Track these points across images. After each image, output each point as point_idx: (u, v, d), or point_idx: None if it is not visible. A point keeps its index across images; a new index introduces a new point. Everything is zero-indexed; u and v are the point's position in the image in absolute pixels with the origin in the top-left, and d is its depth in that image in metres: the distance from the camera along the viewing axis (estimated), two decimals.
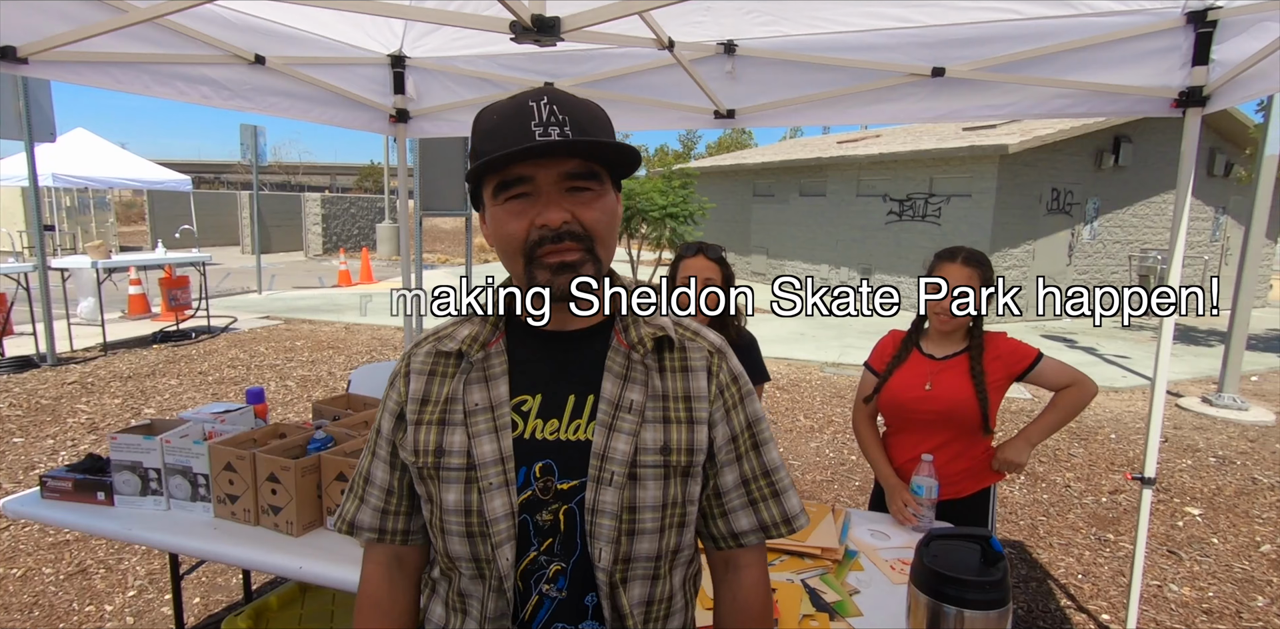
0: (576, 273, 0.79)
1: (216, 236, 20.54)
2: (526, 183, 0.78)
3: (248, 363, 6.55)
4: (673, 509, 0.85)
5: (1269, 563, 3.23)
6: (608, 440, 0.82)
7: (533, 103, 0.77)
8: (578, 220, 0.79)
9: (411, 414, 0.88)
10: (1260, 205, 5.65)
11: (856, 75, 2.59)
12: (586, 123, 0.78)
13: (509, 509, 0.82)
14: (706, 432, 0.87)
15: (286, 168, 41.74)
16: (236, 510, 1.74)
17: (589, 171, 0.79)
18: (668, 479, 0.84)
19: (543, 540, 0.83)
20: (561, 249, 0.78)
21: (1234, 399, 5.72)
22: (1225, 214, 11.81)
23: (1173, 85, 2.23)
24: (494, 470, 0.82)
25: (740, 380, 0.92)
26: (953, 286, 1.88)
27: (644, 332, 0.87)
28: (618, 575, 0.83)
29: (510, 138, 0.76)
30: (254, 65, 2.52)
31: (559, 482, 0.83)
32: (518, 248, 0.80)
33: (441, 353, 0.90)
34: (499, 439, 0.83)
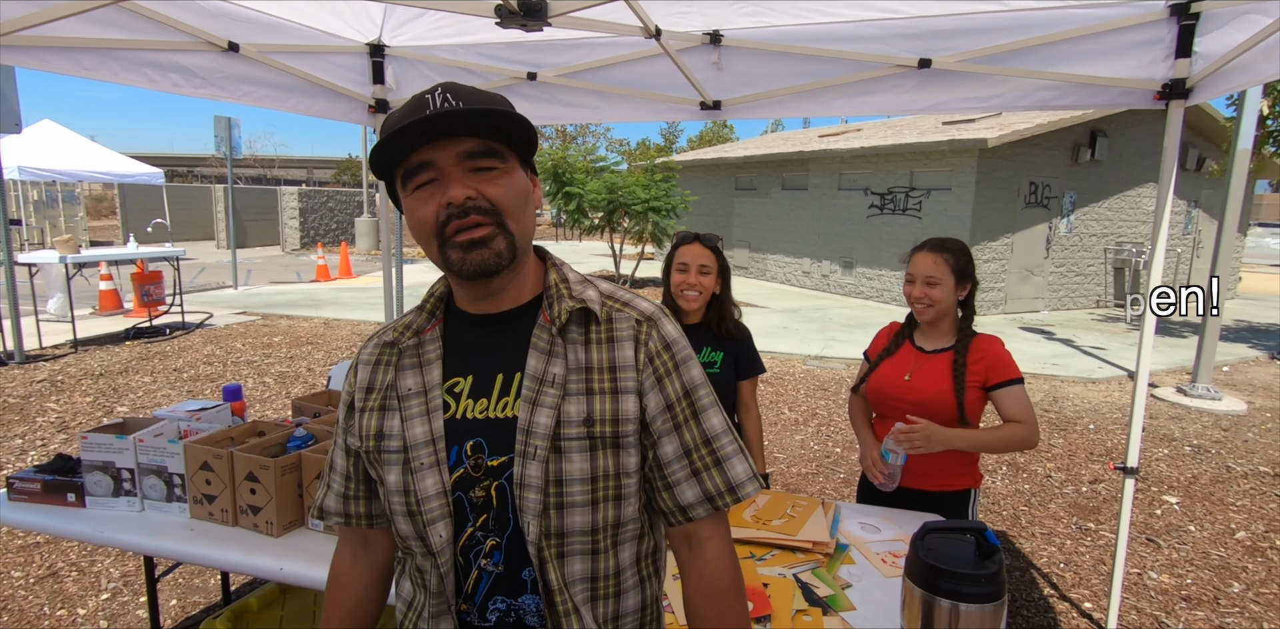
0: (488, 248, 0.80)
1: (191, 231, 20.14)
2: (429, 169, 0.79)
3: (224, 359, 6.43)
4: (604, 481, 0.85)
5: (1244, 549, 3.29)
6: (531, 415, 0.83)
7: (429, 95, 0.79)
8: (483, 196, 0.80)
9: (359, 402, 0.92)
10: (1233, 199, 5.75)
11: (843, 66, 2.57)
12: (478, 104, 0.79)
13: (441, 488, 0.85)
14: (636, 401, 0.86)
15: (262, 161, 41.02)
16: (214, 511, 1.69)
17: (488, 150, 0.80)
18: (594, 450, 0.84)
19: (478, 516, 0.85)
20: (468, 225, 0.79)
21: (1208, 389, 5.83)
22: (1197, 208, 12.02)
23: (1156, 77, 2.24)
24: (425, 451, 0.85)
25: (675, 348, 0.90)
26: (921, 273, 1.92)
27: (565, 305, 0.87)
28: (550, 550, 0.84)
29: (408, 124, 0.77)
30: (227, 53, 2.44)
31: (489, 458, 0.85)
32: (430, 232, 0.81)
33: (385, 343, 0.93)
34: (430, 421, 0.86)
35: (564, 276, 0.92)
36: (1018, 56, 2.36)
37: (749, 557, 1.59)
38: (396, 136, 0.77)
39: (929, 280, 1.92)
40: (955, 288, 1.93)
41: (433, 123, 0.76)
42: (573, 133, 31.65)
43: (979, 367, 1.89)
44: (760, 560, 1.58)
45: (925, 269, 1.93)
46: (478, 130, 0.79)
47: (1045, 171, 10.13)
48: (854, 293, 11.63)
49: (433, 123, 0.76)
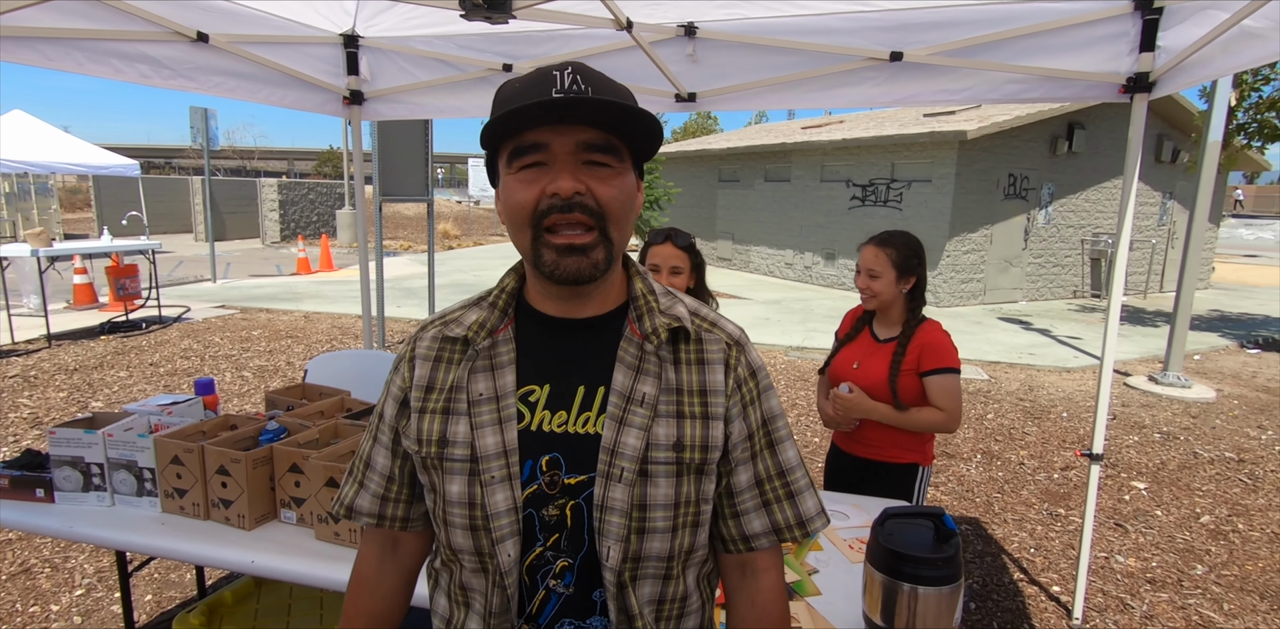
0: (585, 257, 0.75)
1: (168, 224, 19.82)
2: (541, 150, 0.74)
3: (201, 353, 6.36)
4: (685, 508, 0.82)
5: (1208, 533, 3.38)
6: (618, 434, 0.79)
7: (556, 72, 0.74)
8: (592, 193, 0.75)
9: (416, 401, 0.86)
10: (1203, 190, 5.85)
11: (816, 59, 2.59)
12: (608, 95, 0.74)
13: (512, 503, 0.79)
14: (723, 428, 0.83)
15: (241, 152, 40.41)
16: (185, 505, 1.69)
17: (607, 144, 0.75)
18: (680, 476, 0.81)
19: (549, 536, 0.80)
20: (571, 222, 0.74)
21: (1178, 377, 5.95)
22: (1172, 199, 12.20)
23: (1121, 71, 2.28)
24: (497, 463, 0.80)
25: (759, 374, 0.88)
26: (864, 266, 2.05)
27: (659, 322, 0.82)
28: (626, 574, 0.80)
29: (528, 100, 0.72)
30: (196, 43, 2.41)
31: (566, 476, 0.80)
32: (526, 218, 0.75)
33: (447, 338, 0.87)
34: (503, 431, 0.80)
35: (650, 287, 0.87)
36: (987, 50, 2.38)
37: None
38: (515, 114, 0.70)
39: (870, 272, 2.05)
40: (897, 281, 2.04)
41: (557, 106, 0.70)
42: None
43: (913, 355, 2.00)
44: None
45: (868, 262, 2.06)
46: (602, 122, 0.74)
47: (1024, 163, 10.24)
48: (836, 284, 11.71)
49: (557, 106, 0.70)
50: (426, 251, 7.92)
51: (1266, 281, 14.10)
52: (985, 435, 4.70)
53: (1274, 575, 3.00)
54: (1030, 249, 10.72)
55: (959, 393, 1.97)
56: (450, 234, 20.10)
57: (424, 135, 6.75)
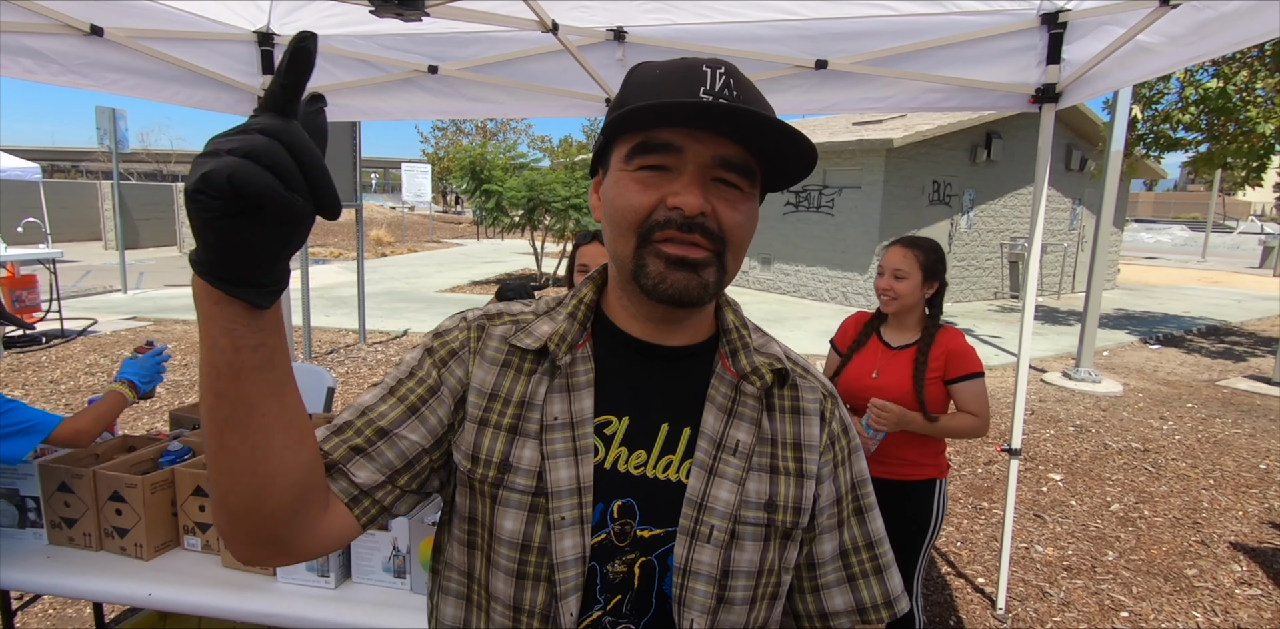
0: (697, 275, 0.65)
1: (75, 231, 18.58)
2: (672, 153, 0.64)
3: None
4: (768, 577, 0.72)
5: (1118, 520, 3.57)
6: (708, 486, 0.69)
7: (707, 68, 0.65)
8: (716, 217, 0.65)
9: (475, 408, 0.71)
10: (1108, 197, 6.22)
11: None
12: (761, 108, 0.65)
13: (580, 552, 0.67)
14: (814, 488, 0.74)
15: (157, 156, 38.27)
16: (75, 535, 1.56)
17: (745, 166, 0.66)
18: (768, 541, 0.71)
19: (610, 596, 0.69)
20: (687, 240, 0.64)
21: (1089, 373, 6.29)
22: (1081, 205, 12.96)
23: (1030, 82, 2.39)
24: (568, 502, 0.67)
25: (850, 432, 0.80)
26: (890, 266, 2.01)
27: (757, 360, 0.73)
28: None
29: (672, 95, 0.64)
30: (89, 37, 2.25)
31: (639, 527, 0.69)
32: (633, 223, 0.65)
33: (518, 348, 0.73)
34: (578, 464, 0.68)
35: (743, 320, 0.78)
36: (907, 60, 2.46)
37: None
38: (657, 109, 0.61)
39: (897, 273, 2.01)
40: (922, 284, 2.02)
41: (713, 112, 0.61)
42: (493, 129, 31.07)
43: (938, 362, 1.98)
44: None
45: (894, 262, 2.02)
46: (750, 139, 0.64)
47: (947, 170, 10.68)
48: (772, 288, 11.93)
49: (713, 112, 0.61)
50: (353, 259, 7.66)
51: (1165, 281, 15.15)
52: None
53: (1175, 558, 3.19)
54: (954, 253, 11.17)
55: (987, 397, 2.00)
56: (383, 240, 19.54)
57: (351, 138, 6.53)
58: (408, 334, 7.70)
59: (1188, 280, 15.52)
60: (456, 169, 12.11)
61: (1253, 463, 4.42)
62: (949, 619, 2.68)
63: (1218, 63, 7.47)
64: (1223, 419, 5.35)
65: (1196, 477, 4.17)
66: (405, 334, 7.70)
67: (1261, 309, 11.15)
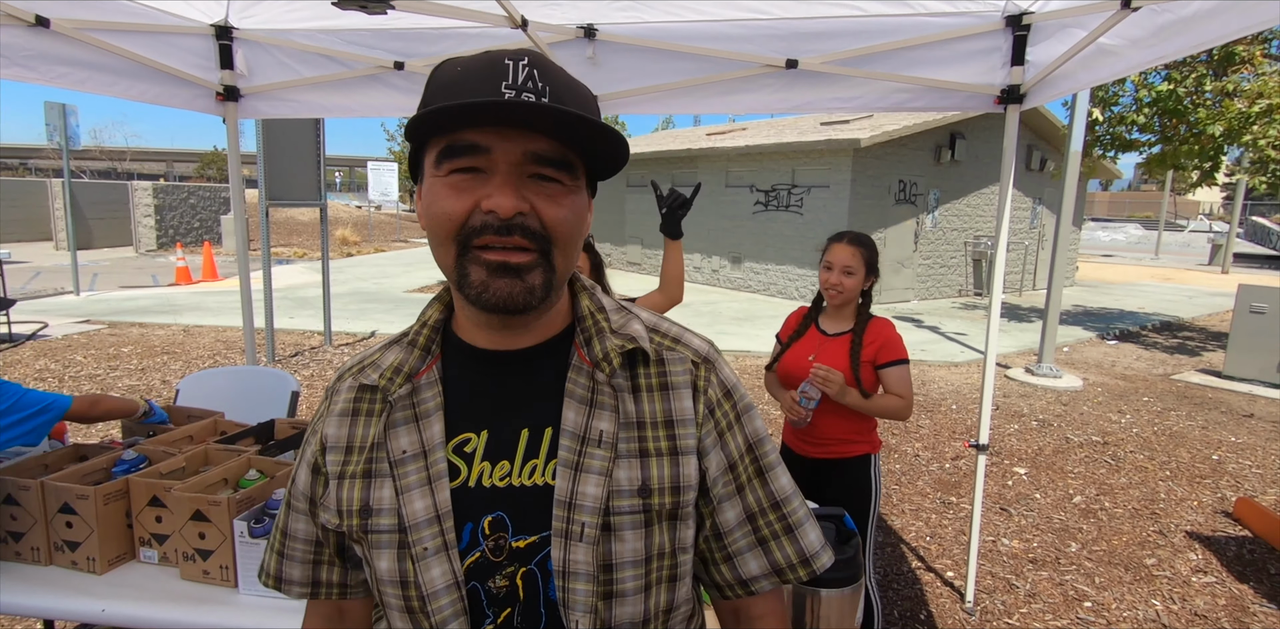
0: (520, 280, 0.63)
1: (23, 231, 17.91)
2: (480, 154, 0.62)
3: (60, 374, 5.74)
4: (659, 562, 0.71)
5: (1080, 512, 3.66)
6: (574, 484, 0.67)
7: (510, 61, 0.62)
8: (537, 214, 0.63)
9: (333, 466, 0.73)
10: (1068, 196, 6.38)
11: (717, 65, 2.62)
12: (570, 101, 0.64)
13: (452, 579, 0.67)
14: (696, 463, 0.72)
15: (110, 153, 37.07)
16: (22, 550, 1.49)
17: (562, 159, 0.64)
18: (650, 527, 0.69)
19: (499, 611, 0.68)
20: (507, 244, 0.63)
21: (1050, 368, 6.45)
22: (1041, 204, 13.29)
23: (996, 83, 2.42)
24: (429, 532, 0.67)
25: (735, 395, 0.76)
26: (840, 262, 2.12)
27: (610, 344, 0.71)
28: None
29: (472, 94, 0.61)
30: (35, 28, 2.16)
31: (514, 539, 0.68)
32: (450, 232, 0.63)
33: (365, 386, 0.74)
34: (434, 492, 0.68)
35: (599, 304, 0.76)
36: (876, 60, 2.48)
37: None
38: (456, 111, 0.59)
39: (846, 269, 2.14)
40: (865, 279, 2.18)
41: (508, 111, 0.59)
42: None
43: (872, 347, 2.12)
44: None
45: (845, 259, 2.14)
46: (560, 131, 0.62)
47: (913, 170, 10.86)
48: (743, 287, 12.00)
49: (508, 111, 0.59)
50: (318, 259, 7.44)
51: (1121, 278, 15.62)
52: (883, 429, 4.91)
53: (1135, 548, 3.28)
54: (920, 251, 11.37)
55: (911, 382, 2.14)
56: (349, 240, 19.19)
57: (315, 135, 6.39)
58: (375, 335, 7.57)
59: (1142, 277, 16.02)
60: None
61: (1206, 454, 4.57)
62: (919, 613, 2.72)
63: (1169, 66, 7.72)
64: (1177, 412, 5.52)
65: (1154, 468, 4.30)
66: (373, 335, 7.57)
67: (1211, 304, 11.56)
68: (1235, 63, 7.29)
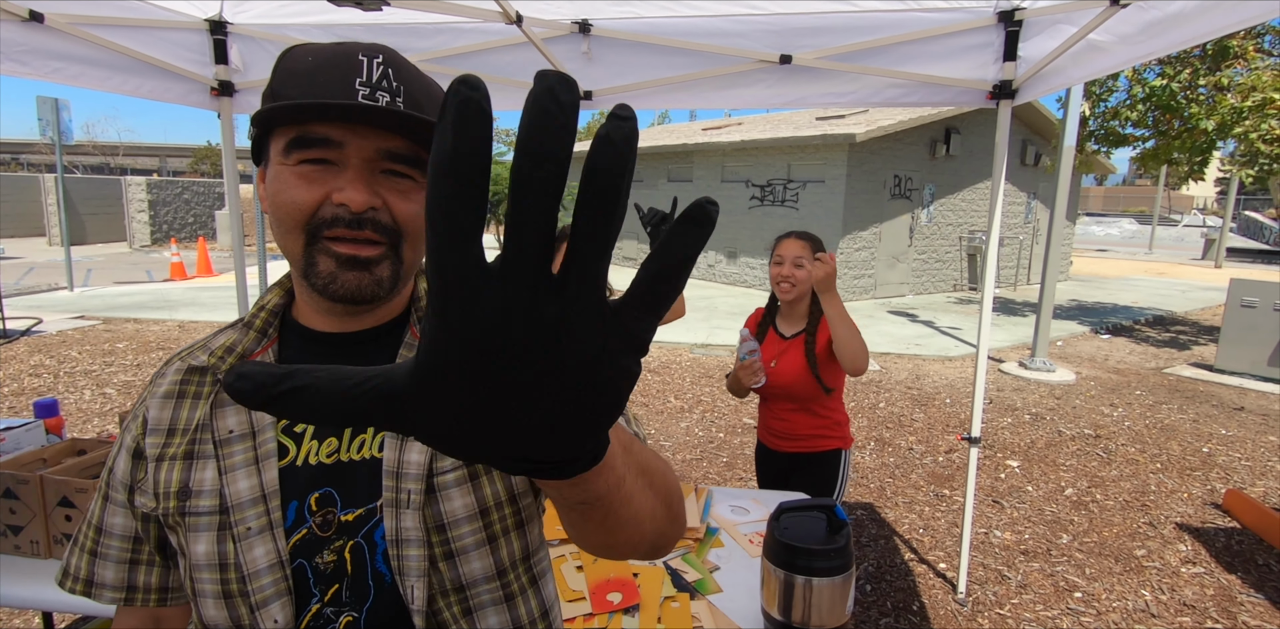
0: (369, 272, 0.65)
1: (17, 226, 17.83)
2: (332, 148, 0.63)
3: (55, 370, 5.73)
4: (499, 512, 0.71)
5: (1071, 504, 3.70)
6: (400, 453, 0.68)
7: (364, 57, 0.62)
8: (389, 209, 0.65)
9: (153, 448, 0.71)
10: (1061, 191, 6.40)
11: (711, 60, 2.62)
12: (424, 101, 0.65)
13: (276, 558, 0.67)
14: None
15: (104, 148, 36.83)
16: (21, 543, 1.50)
17: (414, 156, 0.65)
18: (475, 480, 0.70)
19: (326, 588, 0.68)
20: (358, 238, 0.64)
21: (1044, 362, 6.49)
22: (1035, 199, 13.33)
23: (988, 78, 2.44)
24: (253, 512, 0.67)
25: None
26: (791, 255, 2.12)
27: None
28: (450, 611, 0.69)
29: (326, 88, 0.61)
30: (29, 23, 2.15)
31: (342, 513, 0.68)
32: (299, 222, 0.64)
33: (194, 368, 0.72)
34: (260, 471, 0.68)
35: None
36: (870, 55, 2.49)
37: None
38: (304, 109, 0.59)
39: (797, 262, 2.13)
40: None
41: (363, 113, 0.60)
42: None
43: (824, 336, 2.11)
44: None
45: (795, 251, 2.14)
46: (413, 131, 0.63)
47: (908, 165, 10.88)
48: (738, 282, 12.02)
49: (363, 113, 0.60)
50: None
51: (1115, 273, 15.69)
52: (877, 423, 4.95)
53: (1126, 540, 3.32)
54: (915, 246, 11.40)
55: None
56: None
57: None
58: None
59: (1136, 272, 16.10)
60: None
61: (1196, 447, 4.61)
62: (912, 604, 2.75)
63: (1163, 62, 7.74)
64: (1169, 405, 5.57)
65: (1145, 461, 4.34)
66: None
67: (1204, 299, 11.62)
68: (1229, 57, 7.31)
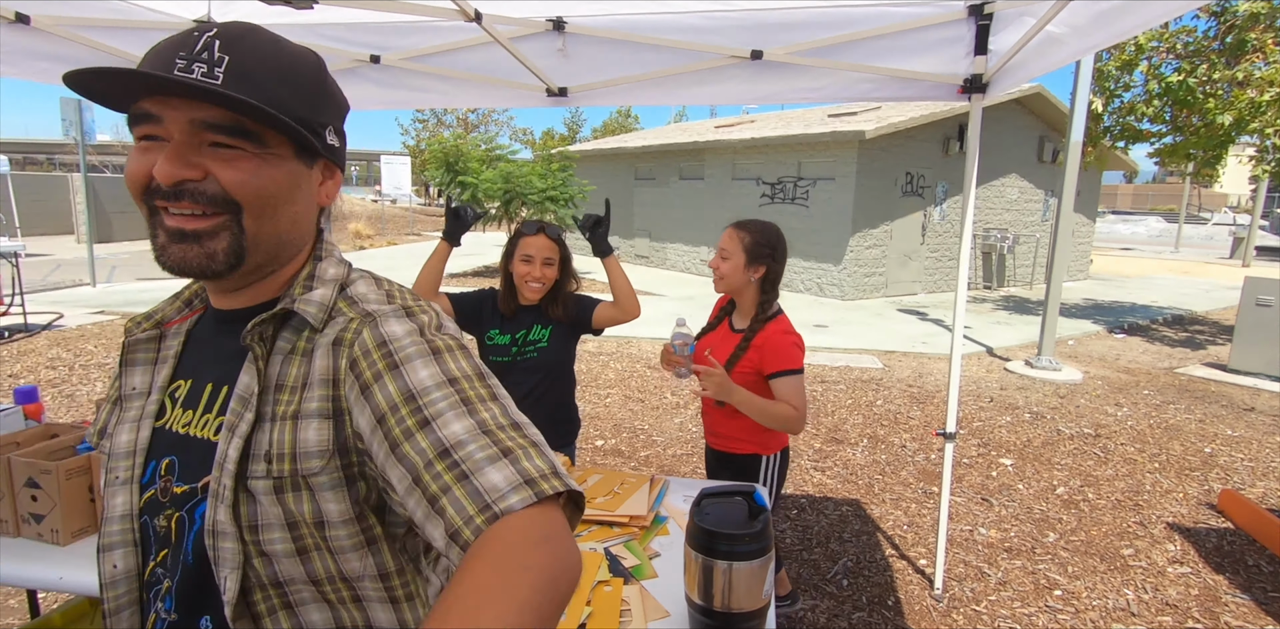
0: (199, 246, 0.66)
1: (47, 225, 18.31)
2: (154, 122, 0.64)
3: (70, 363, 5.91)
4: (310, 530, 0.69)
5: (1062, 503, 3.66)
6: (227, 444, 0.69)
7: (199, 34, 0.64)
8: (215, 179, 0.65)
9: (112, 390, 0.82)
10: (1068, 187, 6.31)
11: (683, 56, 2.64)
12: (256, 71, 0.64)
13: (127, 510, 0.74)
14: (326, 427, 0.68)
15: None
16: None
17: (236, 127, 0.64)
18: (281, 493, 0.68)
19: (159, 550, 0.73)
20: (181, 209, 0.65)
21: (1050, 361, 6.40)
22: (1054, 196, 13.11)
23: (960, 73, 2.43)
24: (123, 464, 0.75)
25: (393, 344, 0.68)
26: (719, 245, 2.09)
27: (296, 307, 0.72)
28: (265, 604, 0.70)
29: (151, 64, 0.63)
30: (15, 24, 2.23)
31: (176, 484, 0.72)
32: (137, 194, 0.66)
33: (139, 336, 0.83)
34: (139, 428, 0.76)
35: (315, 272, 0.76)
36: (840, 50, 2.49)
37: None
38: (124, 76, 0.60)
39: (722, 253, 2.09)
40: (745, 266, 2.04)
41: (153, 84, 0.62)
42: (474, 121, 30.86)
43: (754, 354, 1.99)
44: (577, 537, 1.63)
45: (722, 241, 2.10)
46: (240, 107, 0.63)
47: (920, 162, 10.77)
48: None
49: (153, 84, 0.62)
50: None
51: (1137, 272, 15.38)
52: (873, 421, 4.92)
53: (1114, 539, 3.28)
54: (927, 244, 11.29)
55: (804, 392, 1.95)
56: (363, 234, 19.39)
57: None
58: None
59: (1159, 271, 15.77)
60: (431, 160, 12.04)
61: (1199, 447, 4.53)
62: (888, 599, 2.75)
63: (1179, 56, 7.58)
64: (1176, 405, 5.47)
65: (1143, 460, 4.27)
66: None
67: (1227, 298, 11.36)
68: (1247, 51, 7.14)
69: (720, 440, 2.21)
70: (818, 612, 2.64)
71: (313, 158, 0.73)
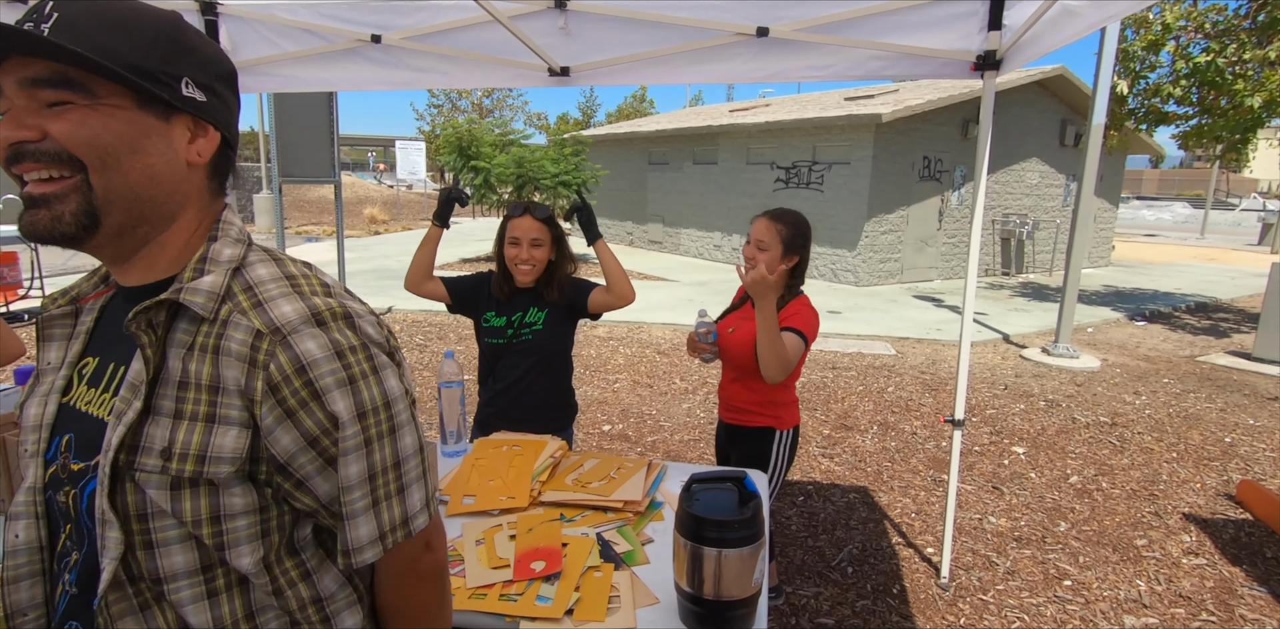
0: (47, 209, 0.64)
1: None
2: (3, 97, 0.65)
3: None
4: (210, 526, 0.69)
5: (1075, 492, 3.59)
6: (113, 432, 0.68)
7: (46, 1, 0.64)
8: (51, 136, 0.63)
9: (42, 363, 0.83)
10: (1089, 171, 6.15)
11: (689, 34, 2.58)
12: (82, 21, 0.63)
13: (34, 482, 0.75)
14: (243, 436, 0.68)
15: None
16: None
17: (60, 78, 0.62)
18: (177, 489, 0.67)
19: (65, 524, 0.74)
20: (26, 174, 0.64)
21: (1067, 349, 6.29)
22: (1075, 181, 12.84)
23: (972, 49, 2.35)
24: (33, 437, 0.76)
25: (314, 371, 0.68)
26: (754, 236, 2.11)
27: (182, 299, 0.69)
28: (145, 596, 0.69)
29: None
30: (13, 3, 2.22)
31: (73, 461, 0.72)
32: (4, 167, 0.66)
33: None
34: (47, 403, 0.76)
35: (210, 254, 0.72)
36: (849, 27, 2.41)
37: (559, 518, 1.62)
38: None
39: (759, 244, 2.10)
40: (782, 257, 2.09)
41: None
42: (489, 106, 30.75)
43: (780, 319, 2.08)
44: (570, 521, 1.61)
45: (758, 233, 2.12)
46: (57, 53, 0.61)
47: (937, 146, 10.56)
48: None
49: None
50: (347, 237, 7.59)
51: (1161, 258, 15.07)
52: (884, 407, 4.87)
53: (1127, 529, 3.22)
54: (945, 229, 11.11)
55: (799, 352, 2.04)
56: (377, 218, 19.47)
57: (328, 111, 6.46)
58: (392, 310, 7.71)
59: (1184, 257, 15.44)
60: (444, 145, 12.01)
61: (1219, 436, 4.43)
62: (893, 587, 2.72)
63: (1209, 36, 7.34)
64: (1197, 394, 5.36)
65: (1160, 450, 4.19)
66: (390, 310, 7.71)
67: (1253, 286, 11.09)
68: (1279, 29, 6.89)
69: (735, 414, 2.24)
70: (821, 599, 2.62)
71: (167, 111, 0.69)
